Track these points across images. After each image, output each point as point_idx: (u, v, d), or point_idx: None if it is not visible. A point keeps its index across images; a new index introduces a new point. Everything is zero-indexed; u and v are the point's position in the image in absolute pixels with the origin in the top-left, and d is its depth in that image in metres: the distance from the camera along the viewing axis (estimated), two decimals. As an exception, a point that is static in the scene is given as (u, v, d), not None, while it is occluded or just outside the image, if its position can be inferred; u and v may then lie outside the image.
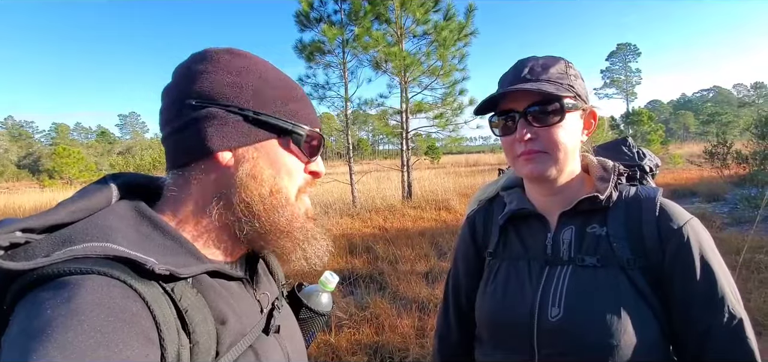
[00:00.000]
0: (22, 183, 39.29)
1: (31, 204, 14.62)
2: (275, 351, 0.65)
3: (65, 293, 0.42)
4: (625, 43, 67.43)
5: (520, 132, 0.80)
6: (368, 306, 3.94)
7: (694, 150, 22.25)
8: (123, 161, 26.18)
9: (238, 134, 0.60)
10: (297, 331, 0.77)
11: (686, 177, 12.41)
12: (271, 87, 0.63)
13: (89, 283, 0.43)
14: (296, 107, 0.65)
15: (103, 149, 65.93)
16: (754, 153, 9.50)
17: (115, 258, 0.48)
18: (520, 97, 0.80)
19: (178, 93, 0.60)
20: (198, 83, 0.59)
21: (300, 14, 9.88)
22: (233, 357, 0.56)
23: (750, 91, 71.67)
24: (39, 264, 0.44)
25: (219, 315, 0.56)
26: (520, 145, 0.81)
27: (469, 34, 10.11)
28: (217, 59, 0.61)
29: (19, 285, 0.44)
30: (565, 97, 0.78)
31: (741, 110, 60.02)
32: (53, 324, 0.39)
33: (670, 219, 0.77)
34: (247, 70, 0.62)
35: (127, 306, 0.44)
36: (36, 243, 0.48)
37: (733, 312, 0.72)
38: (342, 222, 8.15)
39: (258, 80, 0.62)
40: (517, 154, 0.83)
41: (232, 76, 0.60)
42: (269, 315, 0.66)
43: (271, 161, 0.62)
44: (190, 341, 0.51)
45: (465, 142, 13.03)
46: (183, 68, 0.62)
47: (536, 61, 0.83)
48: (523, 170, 0.83)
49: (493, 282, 0.90)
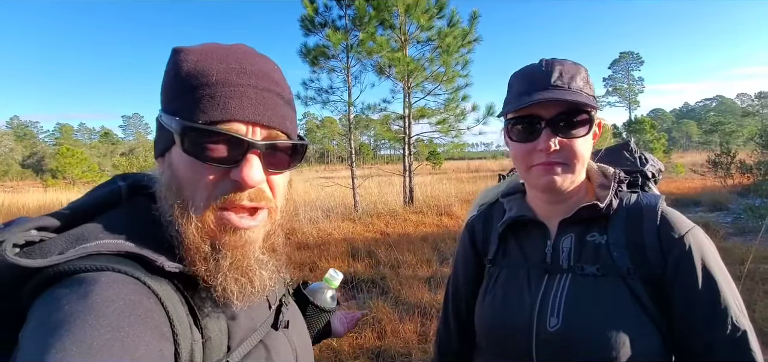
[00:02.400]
0: (26, 183, 39.59)
1: (35, 204, 14.68)
2: (284, 345, 0.65)
3: (81, 289, 0.43)
4: (627, 52, 67.34)
5: (544, 141, 0.75)
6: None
7: (697, 159, 22.15)
8: (126, 162, 26.30)
9: (160, 139, 0.58)
10: (303, 327, 0.78)
11: (689, 186, 12.35)
12: (180, 79, 0.54)
13: (104, 279, 0.44)
14: (195, 97, 0.52)
15: (106, 150, 66.32)
16: (758, 163, 9.49)
17: (127, 255, 0.48)
18: (549, 105, 0.76)
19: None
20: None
21: (305, 19, 9.94)
22: (244, 351, 0.56)
23: (754, 100, 71.44)
24: (54, 262, 0.45)
25: (229, 311, 0.56)
26: (540, 155, 0.77)
27: (472, 40, 10.12)
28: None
29: (36, 282, 0.45)
30: (592, 110, 0.76)
31: (744, 120, 59.82)
32: (70, 319, 0.40)
33: (671, 228, 0.75)
34: (168, 66, 0.57)
35: (141, 302, 0.45)
36: (50, 241, 0.48)
37: (736, 324, 0.69)
38: (344, 227, 8.14)
39: (169, 76, 0.56)
40: (533, 163, 0.79)
41: (163, 79, 0.58)
42: (278, 310, 0.67)
43: (175, 169, 0.54)
44: (203, 336, 0.52)
45: (467, 148, 13.04)
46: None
47: (563, 66, 0.78)
48: (539, 181, 0.79)
49: (493, 290, 0.88)
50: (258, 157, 0.54)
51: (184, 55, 0.56)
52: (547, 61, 0.80)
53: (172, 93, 0.54)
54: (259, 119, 0.54)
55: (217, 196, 0.53)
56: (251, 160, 0.53)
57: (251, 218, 0.56)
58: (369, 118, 10.96)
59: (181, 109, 0.53)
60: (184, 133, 0.51)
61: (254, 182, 0.53)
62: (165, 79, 0.57)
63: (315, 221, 8.76)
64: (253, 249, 0.57)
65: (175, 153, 0.54)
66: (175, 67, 0.55)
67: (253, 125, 0.54)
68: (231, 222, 0.54)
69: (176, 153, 0.54)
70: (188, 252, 0.52)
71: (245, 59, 0.56)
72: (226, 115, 0.52)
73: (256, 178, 0.54)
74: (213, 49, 0.56)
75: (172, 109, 0.54)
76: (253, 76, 0.55)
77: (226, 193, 0.53)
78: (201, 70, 0.53)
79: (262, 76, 0.56)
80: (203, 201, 0.53)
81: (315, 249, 6.41)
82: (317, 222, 8.67)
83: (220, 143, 0.52)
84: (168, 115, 0.54)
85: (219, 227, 0.53)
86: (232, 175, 0.53)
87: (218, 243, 0.54)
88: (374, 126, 11.12)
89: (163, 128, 0.56)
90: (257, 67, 0.57)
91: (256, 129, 0.54)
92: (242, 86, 0.53)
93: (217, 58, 0.55)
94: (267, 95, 0.56)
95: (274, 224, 0.61)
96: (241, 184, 0.53)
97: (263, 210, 0.57)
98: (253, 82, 0.55)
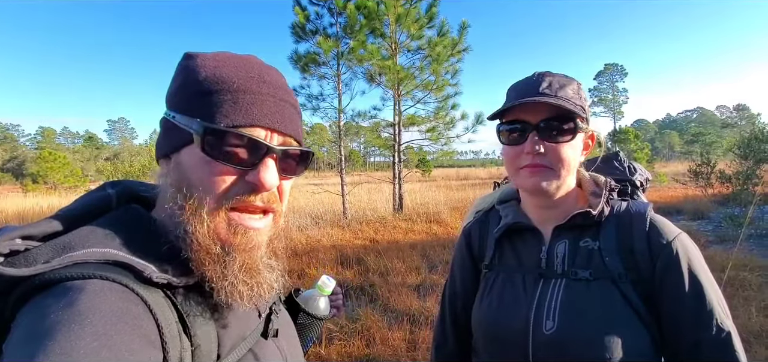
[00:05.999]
0: (5, 188, 38.31)
1: (14, 209, 14.24)
2: (274, 354, 0.65)
3: (67, 298, 0.42)
4: (612, 63, 69.18)
5: (530, 144, 0.80)
6: (359, 319, 3.90)
7: (678, 169, 22.72)
8: (111, 167, 25.69)
9: (169, 140, 0.58)
10: (294, 335, 0.77)
11: (671, 195, 12.66)
12: (198, 83, 0.56)
13: (90, 287, 0.43)
14: (218, 101, 0.54)
15: (90, 154, 64.73)
16: (737, 173, 9.74)
17: (115, 264, 0.48)
18: (534, 110, 0.80)
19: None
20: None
21: (296, 26, 9.95)
22: (234, 359, 0.56)
23: (732, 112, 73.71)
24: (40, 271, 0.44)
25: (219, 319, 0.56)
26: (526, 158, 0.81)
27: (462, 50, 10.26)
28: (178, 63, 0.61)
29: (21, 291, 0.44)
30: (578, 117, 0.80)
31: (724, 131, 61.62)
32: (56, 328, 0.39)
33: (659, 234, 0.79)
34: (184, 70, 0.58)
35: (129, 310, 0.44)
36: (36, 250, 0.47)
37: (721, 326, 0.73)
38: (333, 233, 8.10)
39: (187, 79, 0.57)
40: (520, 166, 0.83)
41: (175, 81, 0.59)
42: (267, 319, 0.67)
43: (186, 169, 0.55)
44: (192, 344, 0.51)
45: (456, 156, 13.12)
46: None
47: (554, 77, 0.83)
48: (525, 182, 0.84)
49: (489, 294, 0.91)
50: (274, 162, 0.56)
51: (201, 59, 0.57)
52: (539, 73, 0.85)
53: (190, 95, 0.56)
54: (277, 126, 0.57)
55: (231, 198, 0.55)
56: (269, 163, 0.56)
57: (260, 220, 0.58)
58: (359, 125, 10.99)
59: (202, 111, 0.54)
60: (205, 134, 0.52)
61: (271, 185, 0.56)
62: (179, 81, 0.58)
63: (304, 228, 8.69)
64: (260, 252, 0.58)
65: (189, 153, 0.55)
66: (192, 71, 0.57)
67: (272, 131, 0.57)
68: (241, 222, 0.55)
69: (190, 153, 0.55)
70: (197, 254, 0.52)
71: (262, 69, 0.59)
72: (249, 120, 0.54)
73: (273, 181, 0.56)
74: (229, 57, 0.58)
75: (190, 111, 0.55)
76: (271, 86, 0.58)
77: (241, 195, 0.55)
78: (222, 76, 0.55)
79: (278, 86, 0.60)
80: (216, 202, 0.54)
81: (303, 256, 6.35)
82: (306, 229, 8.61)
83: (240, 146, 0.54)
84: (185, 116, 0.55)
85: (230, 228, 0.55)
86: (249, 177, 0.55)
87: (228, 245, 0.55)
88: (364, 133, 11.13)
89: (174, 128, 0.56)
90: (273, 77, 0.60)
91: (273, 135, 0.57)
92: (262, 94, 0.56)
93: (235, 66, 0.57)
94: (283, 104, 0.59)
95: (277, 228, 0.62)
96: (257, 186, 0.55)
97: (270, 213, 0.60)
98: (271, 91, 0.58)
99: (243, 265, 0.55)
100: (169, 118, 0.57)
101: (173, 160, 0.57)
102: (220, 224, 0.54)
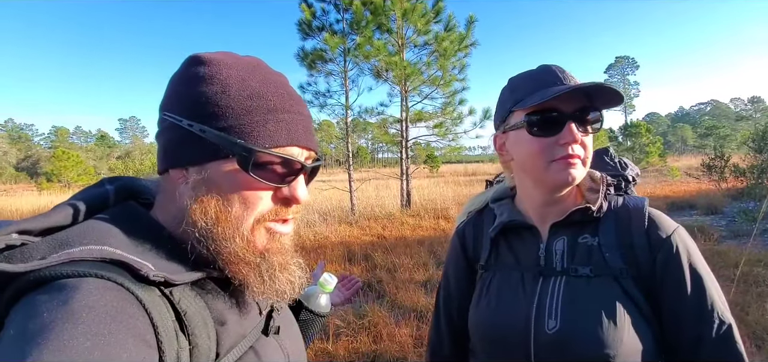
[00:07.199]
0: (20, 186, 39.16)
1: (29, 207, 14.56)
2: (275, 352, 0.65)
3: (61, 296, 0.41)
4: (623, 56, 68.16)
5: (570, 134, 0.76)
6: (366, 315, 3.91)
7: (691, 163, 22.31)
8: (122, 165, 26.12)
9: (188, 151, 0.56)
10: (296, 332, 0.77)
11: (684, 189, 12.43)
12: (229, 97, 0.55)
13: (86, 286, 0.43)
14: (259, 121, 0.55)
15: (102, 153, 65.92)
16: (751, 166, 9.55)
17: (111, 262, 0.48)
18: (569, 99, 0.77)
19: (162, 98, 0.60)
20: (168, 91, 0.59)
21: (302, 23, 9.97)
22: (233, 358, 0.56)
23: (747, 105, 72.22)
24: (35, 267, 0.43)
25: (218, 317, 0.56)
26: (561, 149, 0.77)
27: (469, 44, 10.18)
28: (188, 66, 0.58)
29: (15, 287, 0.44)
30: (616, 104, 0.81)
31: (738, 124, 60.44)
32: (49, 326, 0.39)
33: (659, 228, 0.78)
34: (207, 78, 0.56)
35: (124, 309, 0.44)
36: (32, 246, 0.47)
37: (722, 319, 0.73)
38: (340, 230, 8.13)
39: (215, 90, 0.55)
40: (554, 158, 0.78)
41: (188, 87, 0.56)
42: (268, 316, 0.67)
43: (220, 185, 0.55)
44: (190, 343, 0.51)
45: (464, 152, 13.06)
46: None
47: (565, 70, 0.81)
48: (558, 176, 0.78)
49: (487, 295, 0.89)
50: (304, 177, 0.61)
51: (221, 68, 0.57)
52: (550, 65, 0.83)
53: (224, 109, 0.55)
54: (309, 144, 0.61)
55: (270, 213, 0.58)
56: (302, 180, 0.60)
57: (287, 226, 0.62)
58: (366, 121, 11.00)
59: (242, 129, 0.55)
60: (250, 155, 0.54)
61: (304, 200, 0.61)
62: (200, 89, 0.55)
63: (312, 224, 8.74)
64: (291, 252, 0.63)
65: (222, 168, 0.55)
66: (218, 81, 0.55)
67: (305, 148, 0.60)
68: (275, 230, 0.60)
69: (224, 169, 0.55)
70: (235, 266, 0.55)
71: (281, 83, 0.61)
72: (289, 140, 0.57)
73: (306, 196, 0.61)
74: (246, 65, 0.59)
75: (227, 128, 0.55)
76: (297, 103, 0.61)
77: (278, 207, 0.59)
78: (254, 91, 0.57)
79: (299, 100, 0.62)
80: (257, 218, 0.57)
81: (312, 252, 6.39)
82: (314, 225, 8.65)
83: (278, 165, 0.57)
84: (220, 132, 0.54)
85: (268, 238, 0.59)
86: (285, 192, 0.59)
87: (264, 251, 0.58)
88: (371, 129, 11.19)
89: (199, 140, 0.54)
90: (291, 90, 0.62)
91: (304, 152, 0.60)
92: (294, 113, 0.59)
93: (260, 79, 0.58)
94: (308, 120, 0.63)
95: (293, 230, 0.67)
96: (292, 201, 0.60)
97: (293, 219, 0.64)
98: (299, 109, 0.61)
99: (281, 265, 0.60)
100: (190, 129, 0.55)
101: (194, 171, 0.55)
102: (257, 237, 0.58)
